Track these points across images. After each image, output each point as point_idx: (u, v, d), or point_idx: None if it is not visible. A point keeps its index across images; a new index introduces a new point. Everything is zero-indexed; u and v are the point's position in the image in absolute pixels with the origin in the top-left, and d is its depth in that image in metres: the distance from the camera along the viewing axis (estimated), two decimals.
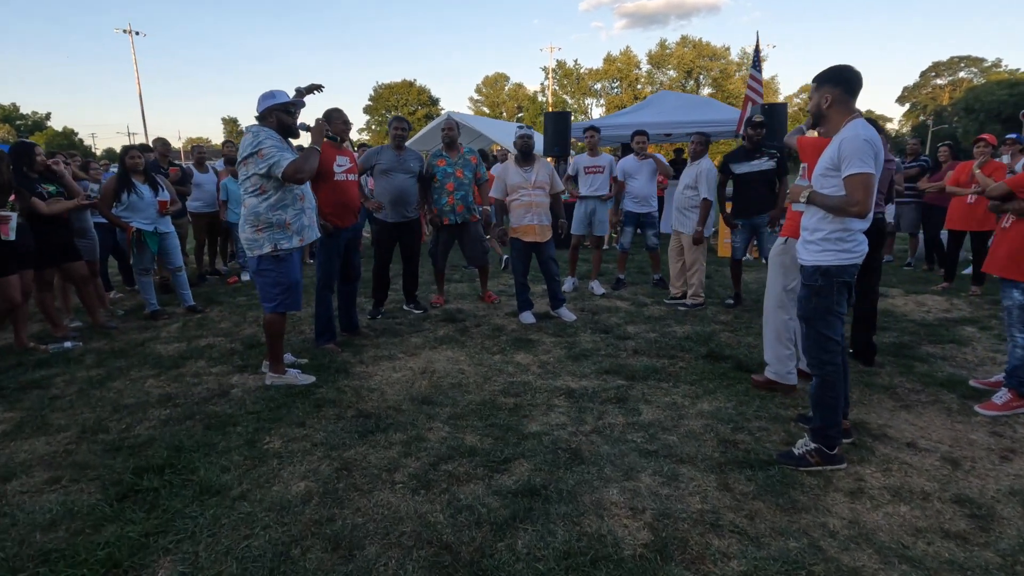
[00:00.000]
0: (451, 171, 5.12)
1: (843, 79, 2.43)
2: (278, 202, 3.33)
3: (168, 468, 2.56)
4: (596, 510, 2.25)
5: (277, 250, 3.35)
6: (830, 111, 2.47)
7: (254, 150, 3.22)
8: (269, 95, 3.38)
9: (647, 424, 2.98)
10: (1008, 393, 3.08)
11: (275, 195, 3.31)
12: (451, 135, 5.19)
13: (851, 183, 2.36)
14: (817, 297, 2.52)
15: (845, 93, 2.43)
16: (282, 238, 3.35)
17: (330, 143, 4.10)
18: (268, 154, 3.21)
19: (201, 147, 7.23)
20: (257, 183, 3.28)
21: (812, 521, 2.16)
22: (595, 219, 5.84)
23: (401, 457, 2.67)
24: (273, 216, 3.32)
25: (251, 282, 6.67)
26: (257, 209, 3.31)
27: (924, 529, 2.11)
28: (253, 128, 3.32)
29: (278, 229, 3.34)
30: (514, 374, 3.71)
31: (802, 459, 2.53)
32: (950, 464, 2.55)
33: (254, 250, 3.37)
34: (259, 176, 3.26)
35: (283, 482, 2.48)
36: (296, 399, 3.32)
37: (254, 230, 3.33)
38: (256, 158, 3.22)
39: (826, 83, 2.46)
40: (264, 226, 3.32)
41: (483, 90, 56.02)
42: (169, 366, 3.92)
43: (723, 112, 10.76)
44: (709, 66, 49.03)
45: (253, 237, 3.34)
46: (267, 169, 3.22)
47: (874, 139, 2.36)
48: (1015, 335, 3.12)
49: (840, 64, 2.47)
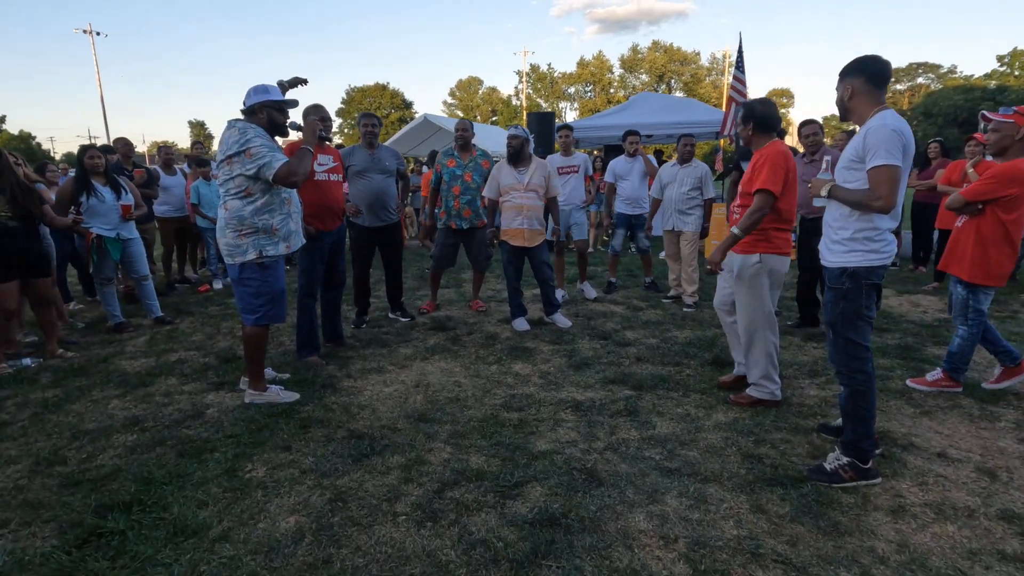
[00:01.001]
0: (460, 174, 4.87)
1: (865, 69, 2.30)
2: (265, 206, 3.05)
3: (136, 505, 2.25)
4: (624, 540, 2.04)
5: (262, 257, 3.07)
6: (853, 103, 2.33)
7: (241, 148, 2.93)
8: (262, 89, 3.10)
9: (663, 439, 2.78)
10: (940, 373, 3.35)
11: (262, 198, 3.04)
12: (465, 136, 4.93)
13: (875, 175, 2.22)
14: (844, 301, 2.36)
15: (869, 83, 2.30)
16: (268, 244, 3.07)
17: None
18: (258, 153, 2.94)
19: (168, 148, 6.82)
20: (243, 184, 2.99)
21: (858, 546, 1.99)
22: (572, 222, 5.59)
23: (401, 484, 2.42)
24: (259, 221, 3.04)
25: (224, 290, 6.30)
26: (242, 213, 3.02)
27: (978, 551, 1.96)
28: (239, 124, 3.02)
29: (264, 234, 3.06)
30: (514, 386, 3.49)
31: (835, 475, 2.37)
32: (987, 476, 2.42)
33: (236, 257, 3.07)
34: (245, 177, 2.98)
35: (270, 517, 2.20)
36: (280, 419, 3.03)
37: (237, 235, 3.04)
38: (243, 157, 2.94)
39: (848, 75, 2.34)
40: (249, 231, 3.03)
41: (457, 93, 55.75)
42: (136, 384, 3.58)
43: (704, 113, 10.75)
44: (680, 70, 49.75)
45: (236, 243, 3.05)
46: (256, 170, 2.95)
47: (903, 130, 2.21)
48: (958, 326, 3.30)
49: (865, 55, 2.34)
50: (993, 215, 3.11)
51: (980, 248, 3.15)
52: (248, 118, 3.09)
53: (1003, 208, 3.08)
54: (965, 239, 3.23)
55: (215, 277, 6.60)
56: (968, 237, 3.21)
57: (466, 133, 4.97)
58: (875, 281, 2.35)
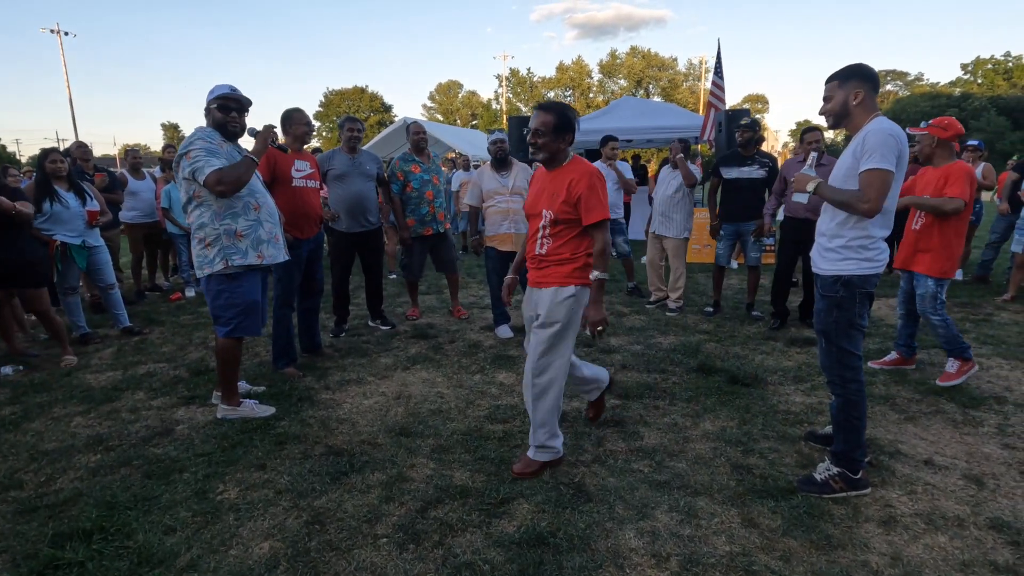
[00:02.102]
0: (428, 178, 4.79)
1: (869, 76, 2.26)
2: (225, 209, 2.92)
3: (97, 533, 2.11)
4: (615, 559, 1.97)
5: (229, 267, 2.94)
6: (858, 108, 2.27)
7: (183, 150, 2.85)
8: (218, 88, 3.00)
9: (651, 450, 2.73)
10: (956, 361, 3.45)
11: (216, 202, 2.90)
12: (421, 138, 4.86)
13: (867, 178, 2.19)
14: (838, 310, 2.33)
15: (871, 88, 2.26)
16: (234, 252, 2.94)
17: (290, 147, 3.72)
18: (194, 157, 2.82)
19: (136, 151, 6.59)
20: (189, 189, 2.90)
21: (852, 560, 1.95)
22: None
23: (382, 503, 2.32)
24: (220, 225, 2.91)
25: (197, 299, 6.10)
26: (202, 219, 2.91)
27: (970, 562, 1.94)
28: (199, 128, 2.96)
29: (228, 241, 2.92)
30: (498, 396, 3.41)
31: (825, 485, 2.34)
32: (974, 483, 2.41)
33: (204, 268, 2.95)
34: (187, 181, 2.87)
35: (242, 543, 2.08)
36: (254, 435, 2.90)
37: (202, 245, 2.94)
38: (184, 160, 2.84)
39: (853, 79, 2.26)
40: (212, 238, 2.91)
41: (436, 97, 55.52)
42: (101, 400, 3.40)
43: (683, 118, 10.82)
44: (658, 76, 50.27)
45: (203, 253, 2.94)
46: (191, 174, 2.83)
47: (900, 135, 2.19)
48: (930, 317, 3.47)
49: (862, 63, 2.30)
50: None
51: (945, 244, 3.39)
52: (205, 119, 3.02)
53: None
54: (929, 238, 3.43)
55: (187, 284, 6.39)
56: (933, 236, 3.41)
57: (421, 136, 4.89)
58: (868, 290, 2.33)
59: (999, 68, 40.93)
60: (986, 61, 41.67)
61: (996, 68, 41.09)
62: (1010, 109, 33.40)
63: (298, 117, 3.80)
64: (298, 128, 3.78)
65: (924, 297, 3.47)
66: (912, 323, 3.72)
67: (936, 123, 3.45)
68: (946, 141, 3.43)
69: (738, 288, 6.28)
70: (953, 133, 3.41)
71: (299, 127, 3.79)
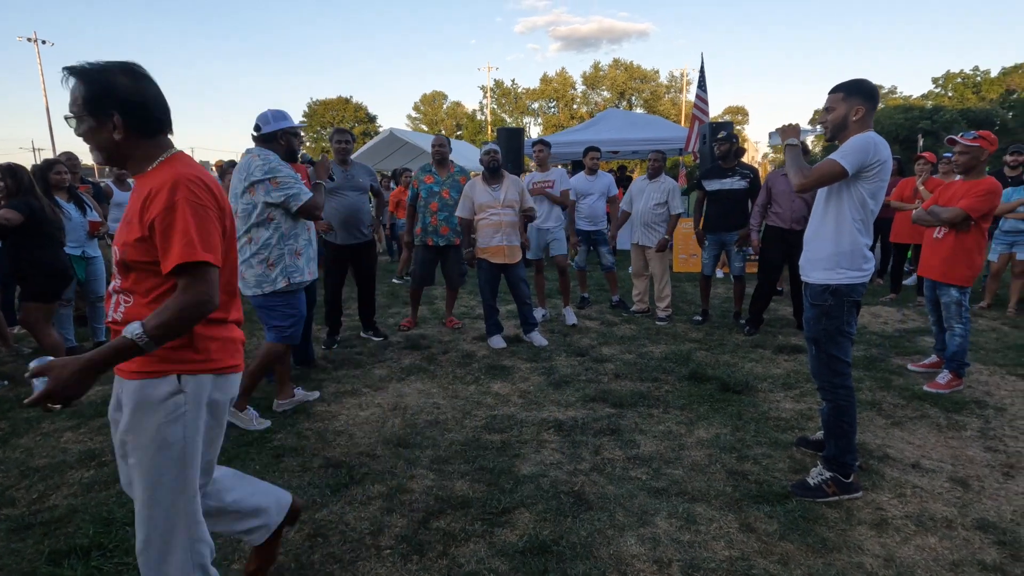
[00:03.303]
0: (437, 190, 4.84)
1: (871, 95, 2.35)
2: (290, 230, 3.12)
3: (96, 549, 2.09)
4: (618, 566, 2.00)
5: (290, 284, 3.12)
6: (856, 124, 2.37)
7: (265, 176, 2.98)
8: (281, 115, 3.20)
9: (648, 457, 2.77)
10: (949, 374, 3.58)
11: (285, 224, 3.09)
12: (443, 152, 4.92)
13: (823, 164, 2.35)
14: (827, 318, 2.41)
15: (871, 106, 2.36)
16: (294, 271, 3.13)
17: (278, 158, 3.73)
18: (284, 183, 3.01)
19: None
20: (264, 211, 3.03)
21: (847, 562, 2.01)
22: (551, 239, 5.44)
23: (384, 514, 2.32)
24: (285, 247, 3.10)
25: None
26: (270, 241, 3.06)
27: (960, 562, 2.00)
28: (263, 152, 3.08)
29: (289, 261, 3.11)
30: (495, 406, 3.43)
31: (819, 490, 2.40)
32: (960, 486, 2.49)
33: (265, 286, 3.07)
34: (267, 204, 3.02)
35: (244, 557, 2.07)
36: (250, 449, 2.88)
37: (265, 265, 3.06)
38: (268, 185, 2.99)
39: (857, 95, 2.34)
40: (275, 259, 3.07)
41: (421, 108, 55.62)
42: (91, 415, 3.35)
43: (668, 130, 11.01)
44: (640, 88, 50.99)
45: (265, 273, 3.07)
46: (284, 199, 3.02)
47: (880, 146, 2.28)
48: (954, 326, 3.58)
49: (864, 79, 2.39)
50: (976, 226, 3.48)
51: (966, 254, 3.52)
52: (265, 144, 3.15)
53: (986, 218, 3.48)
54: (951, 249, 3.55)
55: None
56: (954, 246, 3.54)
57: (443, 149, 4.94)
58: (855, 298, 2.41)
59: (968, 82, 42.28)
60: (956, 75, 42.99)
61: (966, 82, 42.43)
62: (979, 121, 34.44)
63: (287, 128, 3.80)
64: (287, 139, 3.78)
65: (949, 306, 3.59)
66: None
67: (984, 135, 3.46)
68: (988, 156, 3.51)
69: (725, 297, 6.39)
70: (995, 148, 3.50)
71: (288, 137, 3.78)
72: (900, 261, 6.30)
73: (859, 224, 2.36)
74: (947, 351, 3.60)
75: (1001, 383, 3.71)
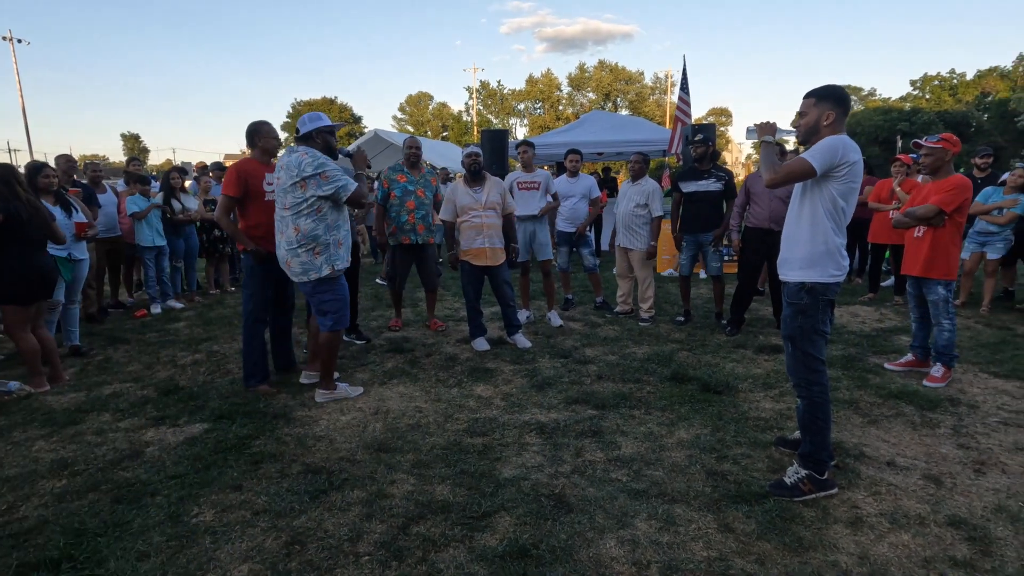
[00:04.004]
0: (412, 189, 4.89)
1: (842, 100, 2.40)
2: (334, 222, 3.37)
3: (66, 561, 2.05)
4: (597, 569, 2.00)
5: (335, 271, 3.37)
6: (827, 128, 2.41)
7: (316, 171, 3.22)
8: (316, 116, 3.42)
9: (629, 459, 2.78)
10: (942, 367, 3.73)
11: (331, 215, 3.34)
12: (417, 153, 5.00)
13: (793, 161, 2.39)
14: (802, 316, 2.45)
15: (843, 111, 2.41)
16: (336, 258, 3.39)
17: (258, 160, 3.70)
18: (333, 176, 3.26)
19: (96, 164, 6.39)
20: (315, 204, 3.27)
21: (823, 560, 2.03)
22: (535, 242, 5.40)
23: (363, 521, 2.30)
24: (331, 237, 3.35)
25: (163, 316, 5.94)
26: (316, 231, 3.29)
27: (932, 559, 2.04)
28: (308, 150, 3.29)
29: (333, 249, 3.37)
30: (477, 409, 3.42)
31: (795, 488, 2.43)
32: (933, 483, 2.54)
33: (311, 274, 3.33)
34: (319, 197, 3.25)
35: (220, 567, 2.04)
36: (228, 455, 2.84)
37: (311, 254, 3.31)
38: (319, 179, 3.23)
39: (828, 100, 2.40)
40: (322, 247, 3.32)
41: (407, 108, 55.43)
42: (64, 423, 3.28)
43: (652, 132, 11.08)
44: (625, 89, 51.30)
45: (310, 260, 3.32)
46: (333, 192, 3.26)
47: (848, 149, 2.32)
48: (942, 321, 3.72)
49: (837, 85, 2.45)
50: (952, 220, 3.64)
51: (944, 249, 3.67)
52: (305, 143, 3.35)
53: (959, 213, 3.63)
54: (930, 245, 3.69)
55: (153, 301, 6.21)
56: (932, 243, 3.68)
57: (417, 151, 5.02)
58: (830, 297, 2.45)
59: (945, 84, 43.16)
60: (933, 78, 43.86)
61: (942, 84, 43.31)
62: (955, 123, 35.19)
63: (266, 130, 3.75)
64: (267, 141, 3.74)
65: (936, 303, 3.72)
66: (925, 326, 3.94)
67: (946, 138, 3.67)
68: (952, 156, 3.67)
69: (707, 298, 6.44)
70: (959, 150, 3.68)
71: (268, 140, 3.74)
72: (878, 261, 6.40)
73: (832, 224, 2.40)
74: (936, 345, 3.74)
75: (974, 380, 3.79)
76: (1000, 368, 4.00)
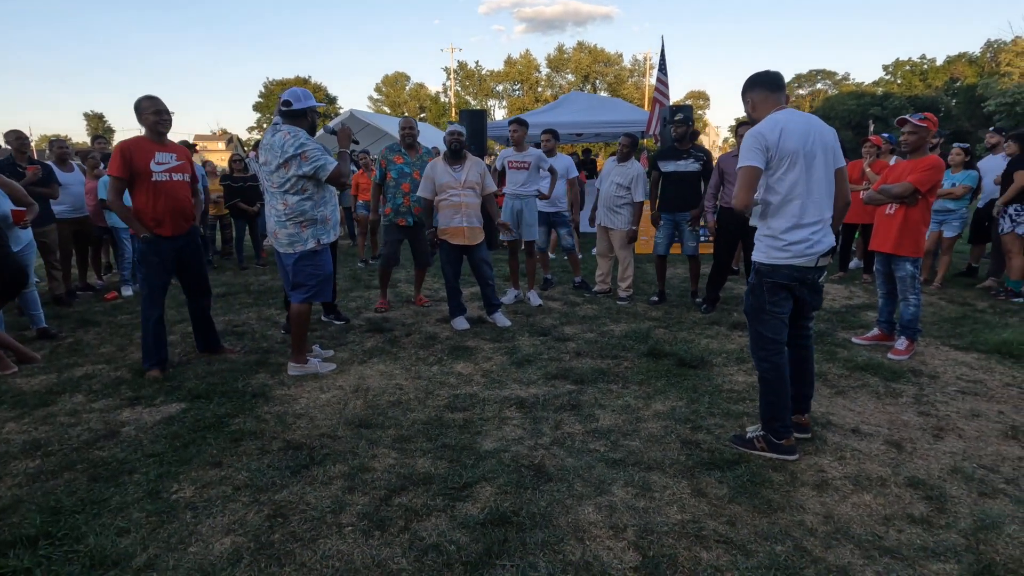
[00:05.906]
0: (408, 171, 4.89)
1: (756, 81, 2.53)
2: (320, 199, 3.44)
3: (43, 538, 2.03)
4: (575, 533, 2.07)
5: (320, 244, 3.45)
6: (758, 113, 2.52)
7: (296, 152, 3.27)
8: (305, 95, 3.44)
9: (606, 430, 2.85)
10: (906, 340, 3.88)
11: (317, 193, 3.42)
12: (412, 134, 4.98)
13: (739, 173, 2.44)
14: (752, 295, 2.56)
15: (764, 91, 2.51)
16: (322, 233, 3.47)
17: (148, 139, 3.52)
18: (312, 157, 3.30)
19: (62, 142, 6.18)
20: (298, 183, 3.33)
21: (790, 520, 2.13)
22: (522, 221, 5.35)
23: (345, 493, 2.33)
24: (317, 213, 3.42)
25: (134, 298, 5.81)
26: (303, 207, 3.37)
27: (891, 516, 2.15)
28: (290, 129, 3.33)
29: (320, 224, 3.45)
30: (457, 386, 3.45)
31: (750, 443, 2.58)
32: (894, 447, 2.66)
33: (296, 246, 3.41)
34: (300, 177, 3.31)
35: (202, 540, 2.05)
36: (207, 434, 2.83)
37: (298, 227, 3.39)
38: (299, 160, 3.28)
39: (747, 92, 2.57)
40: (308, 222, 3.40)
41: (383, 89, 54.44)
42: (35, 404, 3.22)
43: (630, 113, 11.11)
44: (604, 71, 51.14)
45: (295, 233, 3.40)
46: (313, 171, 3.31)
47: (766, 132, 2.36)
48: (908, 296, 3.86)
49: (753, 72, 2.56)
50: (923, 200, 3.77)
51: (914, 227, 3.79)
52: (291, 120, 3.40)
53: (932, 193, 3.76)
54: (901, 223, 3.80)
55: (124, 283, 6.07)
56: (907, 222, 3.79)
57: (413, 131, 5.01)
58: (776, 280, 2.47)
59: (916, 70, 43.92)
60: (904, 63, 44.58)
61: (913, 70, 44.06)
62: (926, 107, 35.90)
63: (146, 106, 3.46)
64: (146, 118, 3.48)
65: (904, 279, 3.85)
66: (891, 302, 4.09)
67: (928, 116, 3.78)
68: (931, 135, 3.79)
69: (683, 277, 6.55)
70: (936, 130, 3.85)
71: (147, 117, 3.48)
72: (848, 241, 6.57)
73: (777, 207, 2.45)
74: (902, 320, 3.90)
75: (936, 353, 3.95)
76: (960, 341, 4.17)
